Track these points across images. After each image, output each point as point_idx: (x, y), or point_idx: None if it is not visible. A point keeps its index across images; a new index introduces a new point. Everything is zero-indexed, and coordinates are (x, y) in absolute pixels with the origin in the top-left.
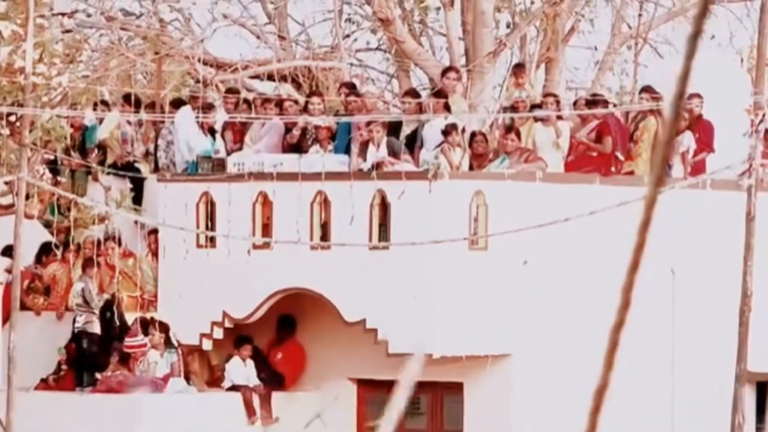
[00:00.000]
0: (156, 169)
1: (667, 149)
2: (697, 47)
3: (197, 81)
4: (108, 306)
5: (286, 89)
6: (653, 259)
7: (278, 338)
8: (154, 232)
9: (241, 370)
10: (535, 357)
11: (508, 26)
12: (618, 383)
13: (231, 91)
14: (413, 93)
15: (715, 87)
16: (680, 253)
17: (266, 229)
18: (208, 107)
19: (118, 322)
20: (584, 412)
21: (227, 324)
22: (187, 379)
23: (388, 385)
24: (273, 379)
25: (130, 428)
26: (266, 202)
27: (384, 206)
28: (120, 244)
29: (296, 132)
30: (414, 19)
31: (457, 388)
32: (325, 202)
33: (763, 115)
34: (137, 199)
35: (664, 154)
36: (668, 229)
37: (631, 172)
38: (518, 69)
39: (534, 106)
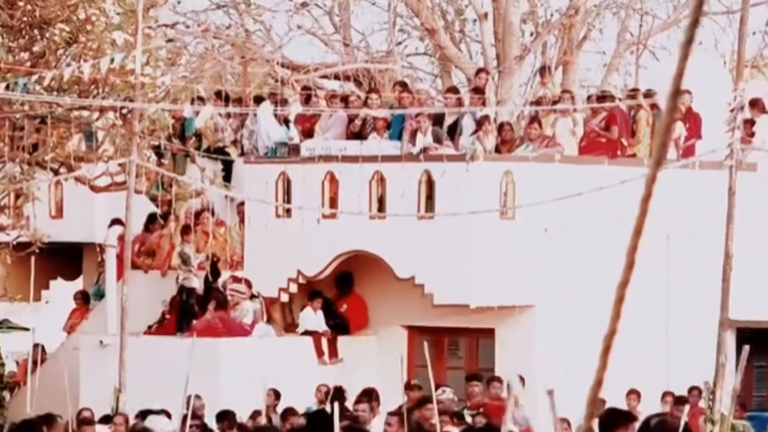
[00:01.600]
0: (242, 153)
1: (666, 136)
2: (690, 52)
3: (276, 80)
4: (211, 265)
5: (350, 87)
6: (651, 227)
7: (341, 292)
8: (241, 204)
9: (313, 318)
10: (554, 307)
11: (531, 35)
12: (622, 329)
13: (304, 88)
14: (454, 90)
15: (703, 85)
16: (674, 222)
17: (333, 202)
18: (285, 102)
19: (212, 278)
20: (595, 353)
21: (301, 280)
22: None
23: (432, 331)
24: (339, 325)
25: (222, 366)
26: (333, 180)
27: (430, 183)
28: (213, 215)
29: (358, 122)
30: (455, 29)
31: (489, 333)
32: (382, 180)
33: (742, 108)
34: (227, 178)
35: (663, 140)
36: (664, 202)
37: (634, 155)
38: (543, 71)
39: (554, 102)
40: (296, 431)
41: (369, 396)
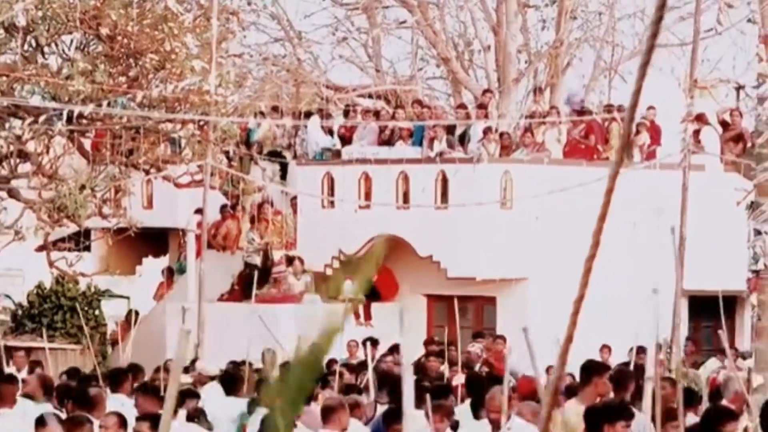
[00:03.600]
0: (295, 156)
1: (625, 141)
2: (645, 73)
3: (322, 99)
4: (265, 248)
5: (380, 104)
6: (622, 216)
7: None
8: (294, 198)
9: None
10: (544, 279)
11: (525, 62)
12: (598, 297)
13: (345, 105)
14: (463, 106)
15: (662, 101)
16: (639, 211)
17: (367, 196)
18: (329, 116)
19: (269, 258)
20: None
21: (342, 258)
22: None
23: (446, 298)
24: (372, 294)
25: (280, 326)
26: (367, 178)
27: (444, 181)
28: (272, 206)
29: (387, 132)
30: (464, 57)
31: (492, 300)
32: (406, 178)
33: (692, 120)
34: (283, 176)
35: (623, 144)
36: (631, 196)
37: (607, 158)
38: (535, 91)
39: (543, 115)
40: None
41: (396, 350)
